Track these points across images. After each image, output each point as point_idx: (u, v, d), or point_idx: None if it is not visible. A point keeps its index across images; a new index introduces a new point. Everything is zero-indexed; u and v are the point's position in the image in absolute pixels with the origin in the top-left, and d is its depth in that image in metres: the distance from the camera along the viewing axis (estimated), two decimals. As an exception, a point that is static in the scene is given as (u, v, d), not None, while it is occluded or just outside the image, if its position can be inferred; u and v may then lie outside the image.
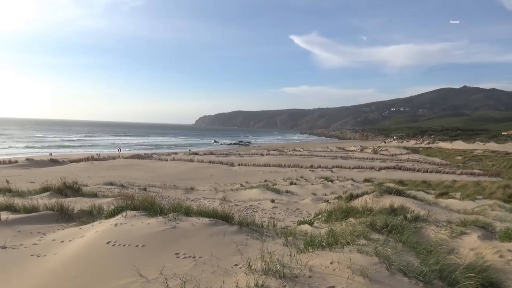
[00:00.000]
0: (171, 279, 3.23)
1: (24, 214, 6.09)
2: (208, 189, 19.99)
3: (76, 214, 6.50)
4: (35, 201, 7.09)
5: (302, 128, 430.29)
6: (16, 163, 37.10)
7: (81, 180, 16.97)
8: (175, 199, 13.30)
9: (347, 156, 61.87)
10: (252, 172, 35.51)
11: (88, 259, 3.79)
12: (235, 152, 67.13)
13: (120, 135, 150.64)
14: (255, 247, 4.24)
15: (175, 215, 5.30)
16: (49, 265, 3.77)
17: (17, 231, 5.14)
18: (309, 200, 14.74)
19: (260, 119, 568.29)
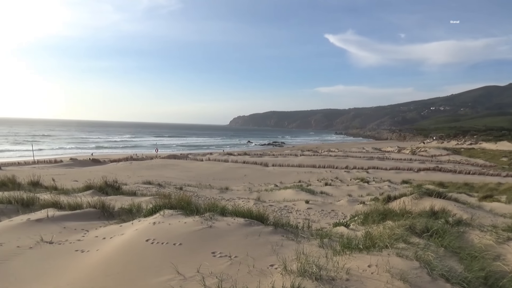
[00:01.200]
0: (208, 277, 3.28)
1: (69, 211, 6.38)
2: (242, 189, 20.12)
3: (116, 212, 6.73)
4: (79, 199, 7.42)
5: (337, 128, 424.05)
6: (61, 162, 39.03)
7: (120, 179, 17.58)
8: (210, 199, 13.49)
9: (383, 157, 60.33)
10: (286, 172, 35.41)
11: (129, 256, 3.92)
12: (269, 153, 67.20)
13: (158, 135, 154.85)
14: (290, 248, 4.23)
15: (211, 215, 5.38)
16: (92, 260, 3.93)
17: (62, 227, 5.39)
18: (345, 202, 14.50)
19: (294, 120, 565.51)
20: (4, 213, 6.23)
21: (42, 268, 3.77)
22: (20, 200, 6.89)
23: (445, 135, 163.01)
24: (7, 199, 6.91)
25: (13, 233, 4.81)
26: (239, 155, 57.30)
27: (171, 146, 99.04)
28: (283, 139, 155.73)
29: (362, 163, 46.43)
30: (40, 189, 10.80)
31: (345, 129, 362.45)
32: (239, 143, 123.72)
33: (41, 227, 5.19)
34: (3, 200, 6.89)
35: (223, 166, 39.07)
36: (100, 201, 6.96)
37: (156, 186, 17.79)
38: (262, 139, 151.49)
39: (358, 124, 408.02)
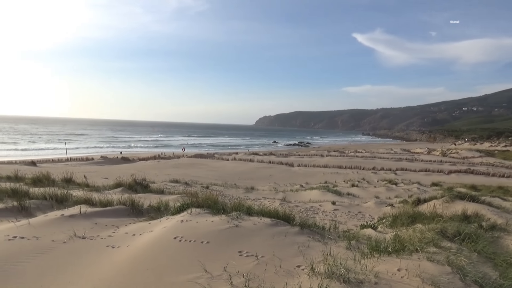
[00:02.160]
0: (235, 276, 3.30)
1: (100, 208, 6.56)
2: (268, 189, 20.11)
3: (145, 210, 6.88)
4: (110, 196, 7.63)
5: (364, 129, 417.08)
6: (92, 160, 40.26)
7: (148, 177, 17.96)
8: (236, 198, 13.56)
9: (412, 159, 58.81)
10: (312, 173, 35.13)
11: (157, 253, 4.00)
12: (295, 153, 66.88)
13: (185, 135, 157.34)
14: (317, 249, 4.20)
15: (237, 214, 5.41)
16: (122, 256, 4.04)
17: (94, 223, 5.55)
18: (372, 203, 14.25)
19: (320, 120, 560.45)
20: (40, 208, 6.49)
21: (76, 262, 3.90)
22: (55, 196, 7.15)
23: (477, 137, 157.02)
24: (42, 195, 7.19)
25: (48, 228, 5.00)
26: (264, 155, 57.32)
27: (198, 145, 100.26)
28: (309, 140, 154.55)
29: (390, 164, 45.45)
30: (73, 186, 11.18)
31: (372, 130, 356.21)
32: (264, 143, 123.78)
33: (74, 223, 5.37)
34: (39, 196, 7.17)
35: (248, 166, 39.19)
36: (129, 198, 7.14)
37: (183, 184, 18.05)
38: (288, 139, 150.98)
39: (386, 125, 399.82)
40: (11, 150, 62.64)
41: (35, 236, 4.61)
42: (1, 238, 4.44)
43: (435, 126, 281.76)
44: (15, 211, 6.12)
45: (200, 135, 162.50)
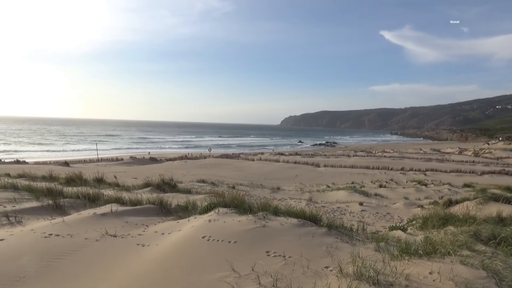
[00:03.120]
0: (263, 276, 3.31)
1: (130, 207, 6.73)
2: (294, 189, 20.04)
3: (173, 209, 7.01)
4: (139, 195, 7.82)
5: (392, 128, 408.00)
6: (121, 160, 41.34)
7: (176, 177, 18.25)
8: (262, 198, 13.58)
9: (443, 159, 57.09)
10: (338, 173, 34.73)
11: (186, 252, 4.06)
12: (321, 153, 66.29)
13: (211, 135, 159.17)
14: (345, 250, 4.15)
15: (264, 214, 5.42)
16: (152, 254, 4.12)
17: (124, 221, 5.70)
18: (401, 205, 13.94)
19: (346, 119, 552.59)
20: (73, 207, 6.72)
21: (108, 259, 4.01)
22: (87, 195, 7.39)
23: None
24: (75, 194, 7.45)
25: (81, 226, 5.18)
26: (290, 155, 57.11)
27: (224, 145, 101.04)
28: (335, 139, 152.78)
29: (419, 164, 44.31)
30: (104, 185, 11.52)
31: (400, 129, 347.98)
32: (290, 143, 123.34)
33: (105, 221, 5.54)
34: (72, 195, 7.43)
35: (274, 166, 39.17)
36: (158, 198, 7.29)
37: (210, 184, 18.24)
38: (313, 139, 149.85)
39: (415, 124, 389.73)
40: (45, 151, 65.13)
41: (69, 233, 4.78)
42: (38, 235, 4.62)
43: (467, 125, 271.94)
44: (50, 210, 6.37)
45: (226, 136, 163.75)
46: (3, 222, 5.34)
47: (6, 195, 7.00)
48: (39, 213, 6.05)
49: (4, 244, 4.28)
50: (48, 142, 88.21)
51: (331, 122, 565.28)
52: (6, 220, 5.40)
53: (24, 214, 5.82)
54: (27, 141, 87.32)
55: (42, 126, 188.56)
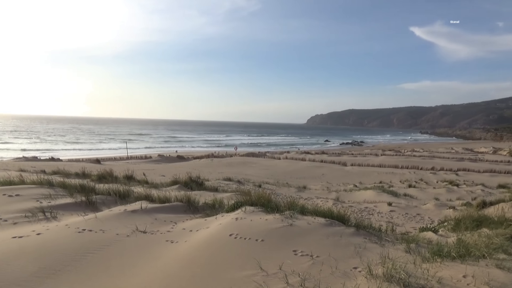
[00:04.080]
0: (290, 275, 3.30)
1: (159, 204, 6.87)
2: (320, 189, 19.88)
3: (201, 207, 7.10)
4: (167, 193, 7.96)
5: (422, 127, 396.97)
6: (150, 158, 42.27)
7: (202, 175, 18.46)
8: (288, 197, 13.54)
9: (476, 158, 55.03)
10: (365, 172, 34.15)
11: (214, 249, 4.10)
12: (348, 152, 65.36)
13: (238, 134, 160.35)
14: (374, 251, 4.08)
15: (291, 213, 5.40)
16: (181, 251, 4.19)
17: (154, 218, 5.82)
18: (432, 205, 13.57)
19: (374, 118, 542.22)
20: (105, 203, 6.92)
21: (138, 255, 4.11)
22: (118, 192, 7.60)
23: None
24: (107, 191, 7.67)
25: (112, 222, 5.32)
26: (316, 154, 56.64)
27: (250, 144, 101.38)
28: (362, 138, 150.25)
29: (450, 164, 42.91)
30: (133, 182, 11.80)
31: (431, 128, 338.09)
32: (316, 142, 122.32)
33: (135, 218, 5.67)
34: (104, 192, 7.66)
35: (300, 164, 38.96)
36: (186, 195, 7.40)
37: (236, 182, 18.36)
38: (340, 138, 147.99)
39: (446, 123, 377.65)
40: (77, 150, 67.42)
41: (101, 229, 4.92)
42: (72, 230, 4.79)
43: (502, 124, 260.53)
44: (83, 206, 6.59)
45: (252, 134, 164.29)
46: (40, 217, 5.57)
47: (42, 191, 7.29)
48: (73, 209, 6.27)
49: (41, 238, 4.46)
50: (81, 140, 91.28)
51: (358, 120, 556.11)
52: (43, 215, 5.63)
53: (59, 210, 6.05)
54: (61, 140, 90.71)
55: (75, 125, 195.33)
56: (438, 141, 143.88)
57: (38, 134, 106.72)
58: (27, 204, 6.23)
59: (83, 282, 3.37)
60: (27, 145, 71.53)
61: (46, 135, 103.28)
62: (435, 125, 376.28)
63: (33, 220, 5.44)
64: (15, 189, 7.23)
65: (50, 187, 7.90)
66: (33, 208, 5.88)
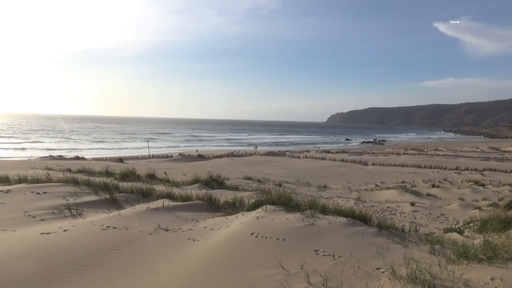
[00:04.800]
0: (312, 275, 3.28)
1: (181, 202, 6.96)
2: (341, 188, 19.69)
3: (221, 205, 7.14)
4: (189, 191, 8.05)
5: (446, 125, 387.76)
6: (171, 157, 42.81)
7: (223, 174, 18.55)
8: (308, 196, 13.48)
9: (502, 158, 53.29)
10: (387, 172, 33.60)
11: (235, 247, 4.12)
12: (369, 151, 64.44)
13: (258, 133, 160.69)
14: (397, 252, 4.01)
15: (312, 212, 5.37)
16: (202, 249, 4.23)
17: (175, 216, 5.90)
18: (456, 206, 13.23)
19: (396, 116, 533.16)
20: (128, 201, 7.06)
21: (161, 252, 4.17)
22: (140, 190, 7.74)
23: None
24: (130, 189, 7.83)
25: (136, 219, 5.42)
26: (337, 153, 56.11)
27: (270, 143, 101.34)
28: (384, 137, 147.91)
29: (476, 164, 41.72)
30: (155, 181, 11.98)
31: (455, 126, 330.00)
32: (336, 141, 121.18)
33: (158, 215, 5.76)
34: (127, 190, 7.82)
35: (320, 164, 38.69)
36: (207, 194, 7.47)
37: (256, 181, 18.39)
38: (361, 137, 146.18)
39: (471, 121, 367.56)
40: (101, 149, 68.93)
41: (125, 226, 5.02)
42: (97, 227, 4.91)
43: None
44: (107, 203, 6.74)
45: (272, 133, 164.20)
46: (66, 214, 5.73)
47: (68, 189, 7.49)
48: (97, 207, 6.43)
49: (68, 234, 4.59)
50: (104, 139, 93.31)
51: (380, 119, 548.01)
52: (69, 212, 5.79)
53: (84, 207, 6.21)
54: (85, 139, 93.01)
55: (98, 124, 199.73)
56: (463, 140, 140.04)
57: (63, 133, 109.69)
58: (54, 201, 6.42)
59: (109, 279, 3.44)
60: (53, 144, 73.75)
61: (72, 134, 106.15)
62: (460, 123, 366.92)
63: (59, 216, 5.60)
64: (42, 187, 7.47)
65: (75, 185, 8.12)
66: (59, 205, 6.06)
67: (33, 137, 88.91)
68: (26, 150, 61.66)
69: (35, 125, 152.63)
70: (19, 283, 3.19)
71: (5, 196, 6.65)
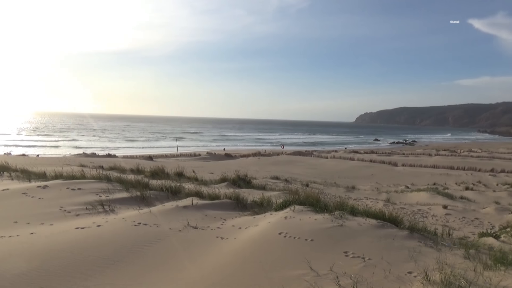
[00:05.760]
0: (342, 277, 3.24)
1: (209, 201, 7.03)
2: (369, 189, 19.36)
3: (249, 204, 7.16)
4: (217, 190, 8.12)
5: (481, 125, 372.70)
6: (199, 156, 43.40)
7: (250, 173, 18.62)
8: (336, 197, 13.31)
9: (542, 160, 50.79)
10: (418, 173, 32.74)
11: (263, 247, 4.13)
12: (399, 152, 62.95)
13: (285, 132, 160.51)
14: (430, 256, 3.89)
15: (341, 213, 5.30)
16: (231, 247, 4.26)
17: (204, 214, 5.97)
18: (492, 210, 12.73)
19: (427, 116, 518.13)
20: (158, 199, 7.21)
21: (190, 249, 4.24)
22: (170, 188, 7.88)
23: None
24: (159, 187, 7.99)
25: (166, 217, 5.53)
26: (365, 153, 55.17)
27: (296, 143, 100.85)
28: (414, 137, 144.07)
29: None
30: (184, 179, 12.16)
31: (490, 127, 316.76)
32: (365, 141, 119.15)
33: (187, 213, 5.85)
34: (157, 188, 7.98)
35: (348, 164, 38.16)
36: (234, 193, 7.52)
37: (283, 181, 18.35)
38: (390, 137, 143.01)
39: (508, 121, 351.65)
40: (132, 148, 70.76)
41: (155, 223, 5.13)
42: (128, 224, 5.04)
43: None
44: (138, 200, 6.90)
45: (299, 133, 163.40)
46: (99, 210, 5.92)
47: (101, 186, 7.74)
48: (128, 203, 6.60)
49: (101, 230, 4.73)
50: (134, 138, 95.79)
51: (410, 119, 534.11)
52: (102, 208, 5.98)
53: (116, 204, 6.39)
54: (116, 137, 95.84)
55: (128, 123, 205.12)
56: (499, 141, 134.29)
57: (95, 131, 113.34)
58: (88, 197, 6.64)
59: (140, 274, 3.53)
60: (86, 142, 76.39)
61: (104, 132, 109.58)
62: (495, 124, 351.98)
63: (93, 212, 5.80)
64: (77, 183, 7.74)
65: (108, 182, 8.37)
66: (93, 201, 6.27)
67: (67, 135, 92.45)
68: (61, 147, 64.23)
69: (68, 123, 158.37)
70: (56, 276, 3.31)
71: (43, 192, 6.94)
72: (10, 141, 69.30)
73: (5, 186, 7.30)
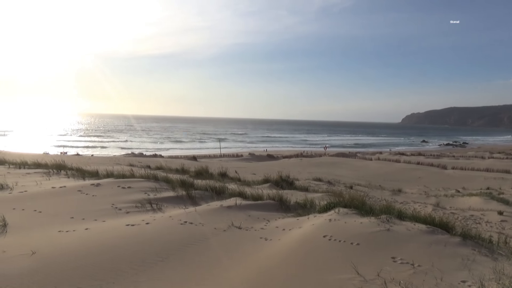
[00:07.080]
0: (390, 283, 3.14)
1: (252, 201, 7.09)
2: (417, 193, 18.61)
3: (292, 206, 7.14)
4: (260, 191, 8.17)
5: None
6: (241, 156, 43.86)
7: (292, 174, 18.55)
8: (382, 200, 12.94)
9: None
10: (469, 177, 30.99)
11: (307, 249, 4.10)
12: (448, 154, 59.99)
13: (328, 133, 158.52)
14: (485, 265, 3.68)
15: (388, 217, 5.14)
16: (275, 249, 4.27)
17: (247, 215, 6.02)
18: (554, 217, 11.79)
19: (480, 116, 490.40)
20: (203, 198, 7.38)
21: (235, 250, 4.29)
22: (214, 188, 8.04)
23: None
24: (204, 187, 8.18)
25: (210, 216, 5.64)
26: (412, 155, 53.10)
27: (340, 144, 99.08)
28: (465, 139, 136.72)
29: None
30: (227, 179, 12.35)
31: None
32: (412, 143, 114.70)
33: (231, 213, 5.93)
34: (201, 187, 8.17)
35: (394, 166, 36.89)
36: (277, 194, 7.53)
37: (326, 183, 18.09)
38: (439, 139, 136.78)
39: None
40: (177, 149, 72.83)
41: (200, 222, 5.24)
42: (175, 222, 5.19)
43: None
44: (184, 199, 7.10)
45: (343, 134, 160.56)
46: (147, 208, 6.15)
47: (149, 185, 8.04)
48: (175, 202, 6.80)
49: (149, 227, 4.92)
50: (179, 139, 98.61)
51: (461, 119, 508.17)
52: (150, 207, 6.20)
53: (163, 202, 6.61)
54: (162, 137, 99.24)
55: (172, 124, 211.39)
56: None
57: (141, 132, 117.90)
58: (137, 195, 6.93)
59: (186, 271, 3.62)
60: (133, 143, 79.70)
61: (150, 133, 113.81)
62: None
63: (142, 210, 6.03)
64: (127, 182, 8.09)
65: (155, 181, 8.67)
66: (142, 200, 6.53)
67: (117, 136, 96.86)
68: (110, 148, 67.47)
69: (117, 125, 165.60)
70: (109, 270, 3.47)
71: (96, 189, 7.32)
72: (65, 142, 73.78)
73: (62, 184, 7.78)
